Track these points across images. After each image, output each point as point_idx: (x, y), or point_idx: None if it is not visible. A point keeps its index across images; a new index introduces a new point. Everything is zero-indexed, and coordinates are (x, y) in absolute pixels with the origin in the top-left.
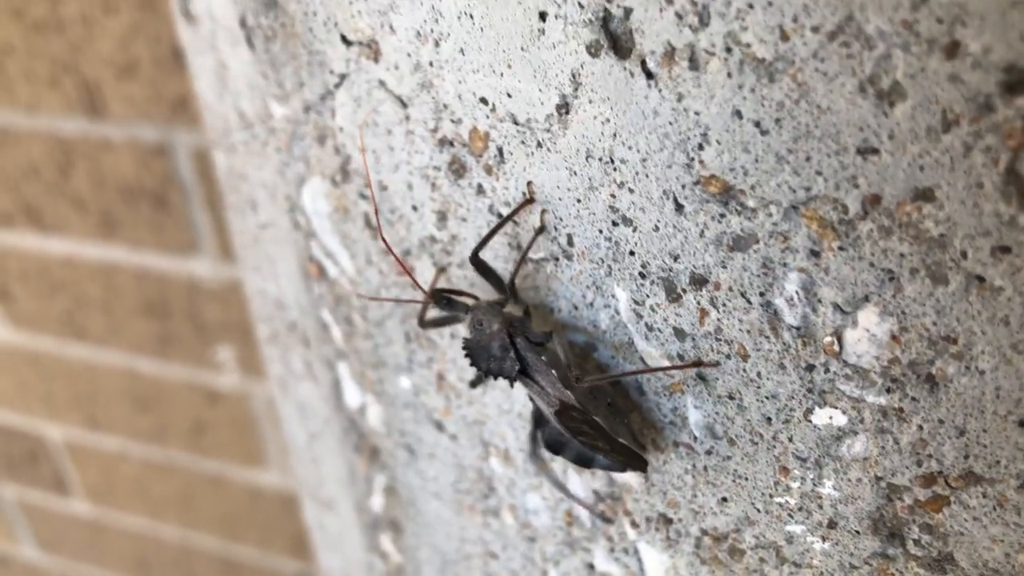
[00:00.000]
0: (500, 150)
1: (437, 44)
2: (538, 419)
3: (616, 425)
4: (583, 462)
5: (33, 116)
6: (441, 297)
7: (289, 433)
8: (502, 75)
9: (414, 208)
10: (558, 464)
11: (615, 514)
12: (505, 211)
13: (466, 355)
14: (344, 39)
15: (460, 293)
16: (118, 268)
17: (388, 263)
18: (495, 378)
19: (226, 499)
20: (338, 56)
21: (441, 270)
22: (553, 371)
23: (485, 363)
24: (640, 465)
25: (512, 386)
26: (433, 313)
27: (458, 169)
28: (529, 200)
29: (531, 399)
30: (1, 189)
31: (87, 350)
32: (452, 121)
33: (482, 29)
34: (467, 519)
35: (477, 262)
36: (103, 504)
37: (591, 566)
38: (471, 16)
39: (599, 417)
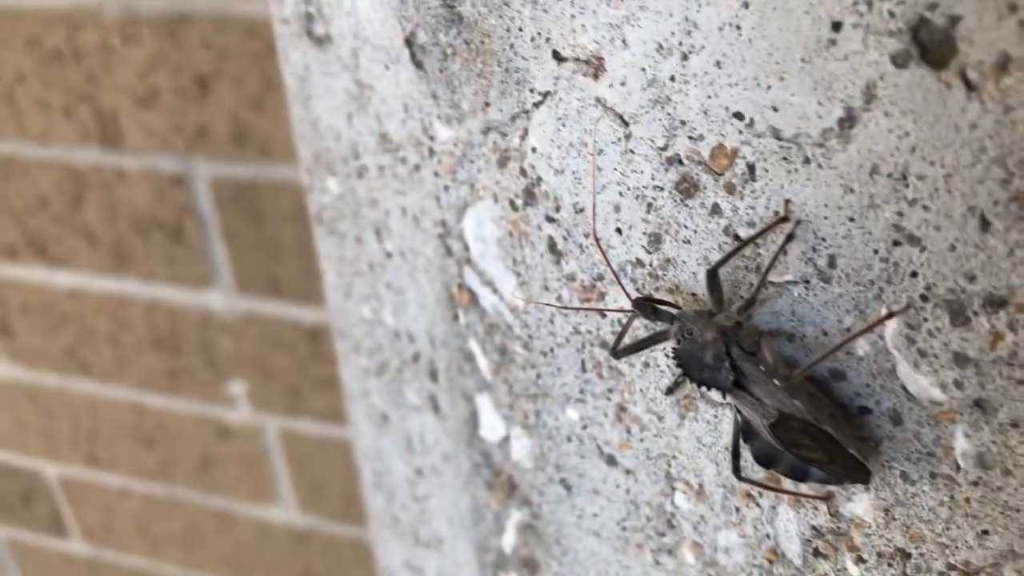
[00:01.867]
0: (751, 167)
1: (685, 57)
2: (746, 433)
3: (840, 433)
4: (797, 475)
5: (45, 146)
6: (646, 305)
7: (378, 471)
8: (769, 88)
9: (618, 231)
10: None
11: (834, 551)
12: (745, 232)
13: (677, 364)
14: (556, 55)
15: (665, 303)
16: (127, 301)
17: (570, 290)
18: (708, 388)
19: (233, 536)
20: (544, 73)
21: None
22: (774, 380)
23: (698, 372)
24: (862, 476)
25: (724, 397)
26: (625, 341)
27: (687, 188)
28: (783, 219)
29: (738, 412)
30: (7, 220)
31: (91, 385)
32: (690, 138)
33: (750, 40)
34: (632, 558)
35: (713, 277)
36: (100, 544)
37: None
38: (737, 27)
39: (824, 422)
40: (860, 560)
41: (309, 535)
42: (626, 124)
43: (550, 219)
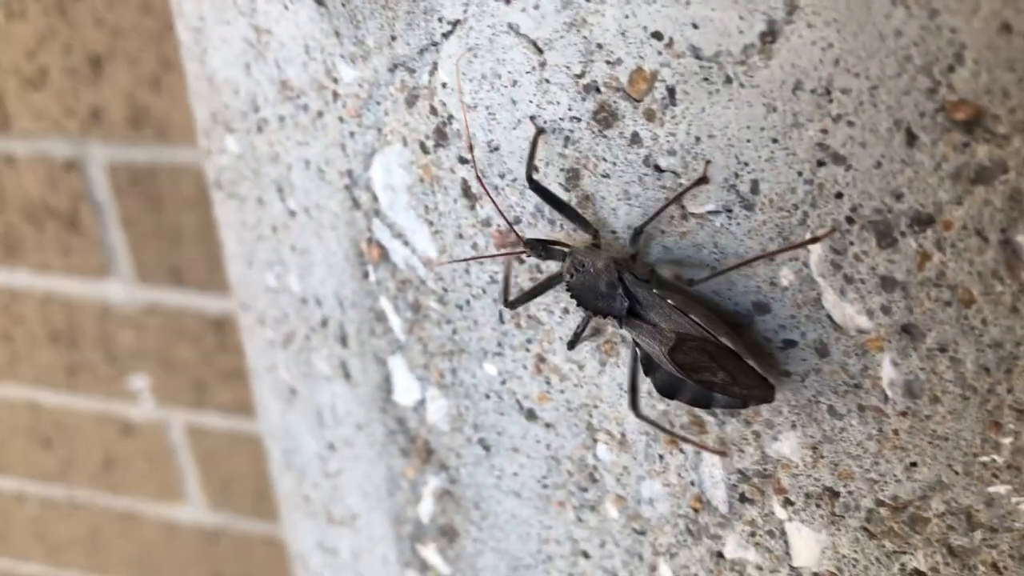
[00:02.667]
0: (671, 91)
1: None
2: (646, 366)
3: (739, 347)
4: (700, 402)
5: None
6: (537, 244)
7: (287, 450)
8: (688, 4)
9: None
10: (690, 453)
11: (761, 494)
12: (666, 162)
13: (571, 295)
14: None
15: (556, 242)
16: (20, 294)
17: (485, 236)
18: (604, 317)
19: (138, 538)
20: (453, 0)
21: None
22: (668, 301)
23: (592, 302)
24: (766, 393)
25: (621, 326)
26: (515, 293)
27: (606, 118)
28: (702, 179)
29: (636, 345)
30: None
31: None
32: (608, 63)
33: None
34: (554, 517)
35: (638, 235)
36: None
37: (719, 555)
38: None
39: (722, 337)
40: (788, 503)
41: (219, 534)
42: (540, 51)
43: (463, 160)
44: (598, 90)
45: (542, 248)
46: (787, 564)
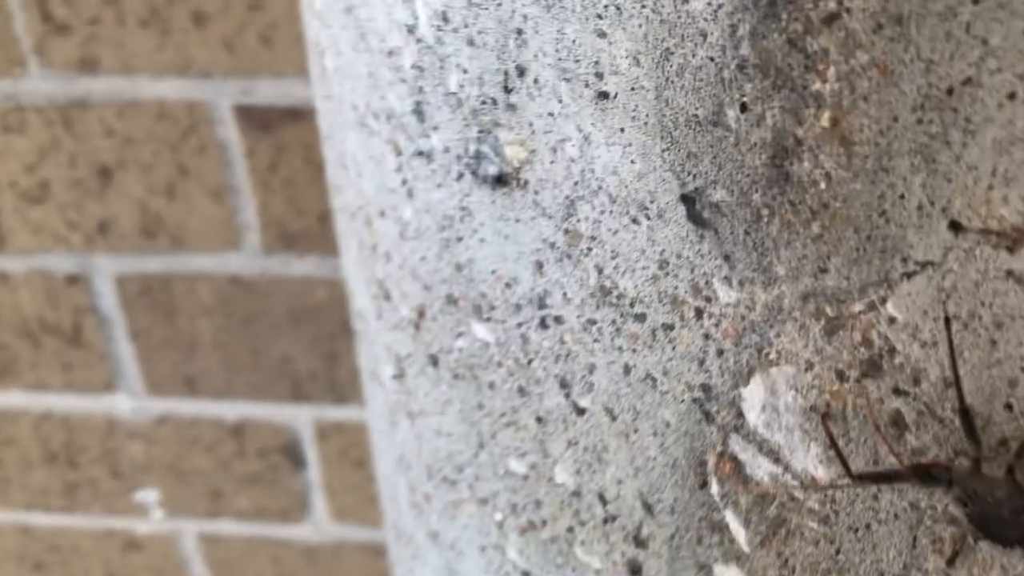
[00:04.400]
0: None
1: None
2: None
3: None
4: None
5: None
6: (922, 472)
7: None
8: None
9: (1008, 407)
10: None
11: None
12: None
13: (984, 535)
14: (955, 225)
15: (936, 465)
16: (10, 414)
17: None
18: (1013, 548)
19: None
20: (930, 244)
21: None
22: None
23: (1006, 534)
24: None
25: None
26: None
27: None
28: None
29: None
30: None
31: None
32: None
33: None
34: None
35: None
36: None
37: None
38: None
39: None
40: None
41: None
42: None
43: (899, 391)
44: None
45: (927, 475)
46: None
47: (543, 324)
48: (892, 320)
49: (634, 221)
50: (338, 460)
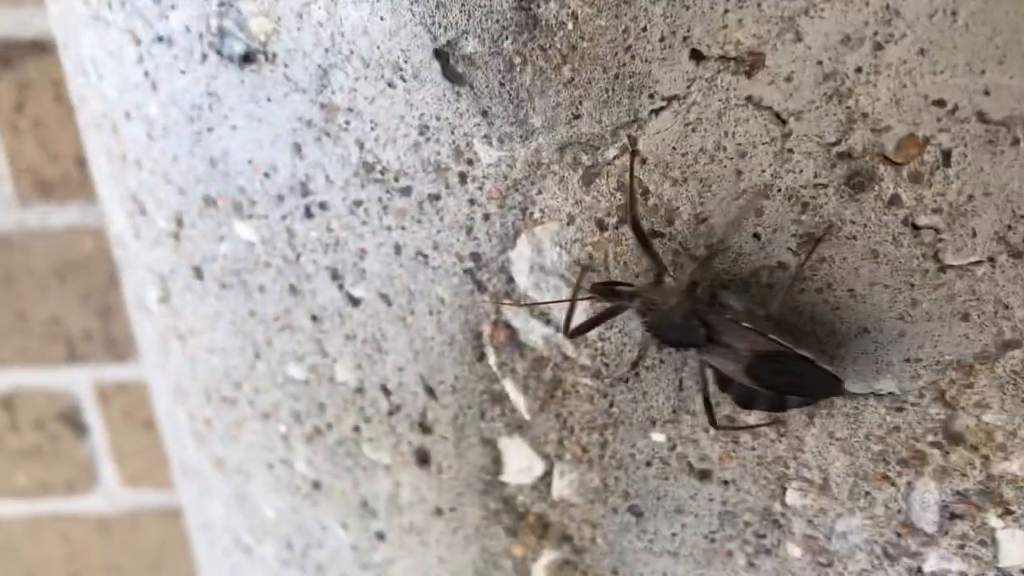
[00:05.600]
0: (946, 153)
1: (879, 47)
2: (721, 383)
3: (813, 351)
4: (777, 407)
5: None
6: (605, 288)
7: (297, 546)
8: (983, 72)
9: (755, 236)
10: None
11: (977, 509)
12: (928, 220)
13: (653, 335)
14: (696, 54)
15: (621, 283)
16: None
17: None
18: (685, 349)
19: None
20: (674, 76)
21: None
22: (742, 324)
23: (673, 336)
24: (836, 388)
25: (700, 354)
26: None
27: (860, 183)
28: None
29: (704, 367)
30: None
31: None
32: (873, 130)
33: (967, 26)
34: (719, 567)
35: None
36: None
37: (919, 570)
38: (953, 13)
39: (791, 344)
40: (1007, 513)
41: None
42: (784, 122)
43: (656, 234)
44: (852, 156)
45: (610, 291)
46: (994, 567)
47: (308, 213)
48: (644, 161)
49: (390, 85)
50: (124, 422)
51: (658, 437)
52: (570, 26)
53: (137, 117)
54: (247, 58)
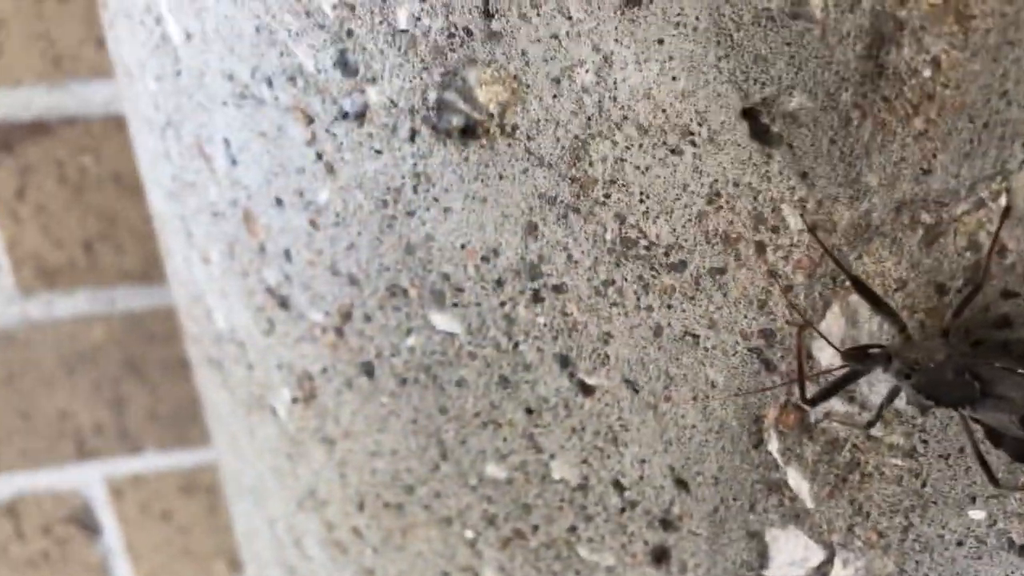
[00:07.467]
0: None
1: None
2: (993, 439)
3: None
4: None
5: None
6: (858, 354)
7: None
8: None
9: None
10: None
11: None
12: None
13: (927, 397)
14: None
15: (872, 345)
16: None
17: None
18: (961, 407)
19: None
20: None
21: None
22: (1017, 371)
23: (948, 396)
24: None
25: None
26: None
27: None
28: None
29: (968, 422)
30: None
31: None
32: None
33: None
34: None
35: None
36: None
37: None
38: None
39: None
40: None
41: None
42: None
43: (1009, 294)
44: None
45: (864, 356)
46: None
47: (536, 297)
48: (1008, 211)
49: (673, 151)
50: (140, 517)
51: (977, 515)
52: (926, 73)
53: (296, 204)
54: (467, 132)
